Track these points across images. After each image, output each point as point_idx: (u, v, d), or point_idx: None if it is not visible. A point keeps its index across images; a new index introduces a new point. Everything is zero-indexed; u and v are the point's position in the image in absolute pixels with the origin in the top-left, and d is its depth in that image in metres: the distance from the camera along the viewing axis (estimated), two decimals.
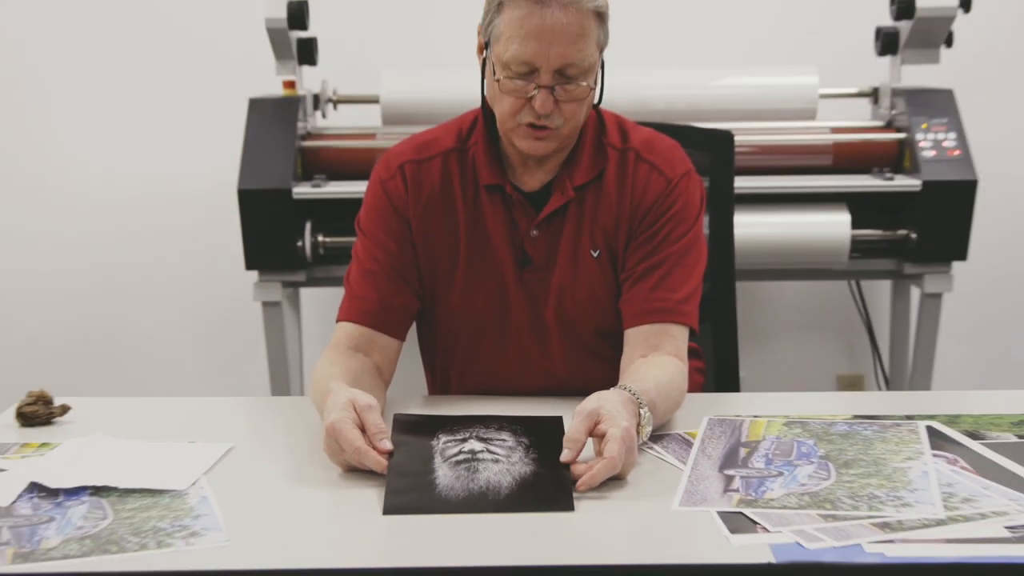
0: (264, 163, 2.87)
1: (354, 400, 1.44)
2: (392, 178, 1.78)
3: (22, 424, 1.64)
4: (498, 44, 1.63)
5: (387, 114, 3.06)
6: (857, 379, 3.60)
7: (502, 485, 1.35)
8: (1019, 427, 1.57)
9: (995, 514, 1.27)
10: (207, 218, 3.45)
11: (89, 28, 3.41)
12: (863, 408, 1.67)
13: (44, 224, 3.51)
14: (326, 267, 3.00)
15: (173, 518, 1.29)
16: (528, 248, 1.76)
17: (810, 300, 3.56)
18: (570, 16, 1.59)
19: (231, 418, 1.75)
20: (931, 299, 2.99)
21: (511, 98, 1.65)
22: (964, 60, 3.19)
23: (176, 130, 3.45)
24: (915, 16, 2.92)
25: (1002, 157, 3.36)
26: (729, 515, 1.28)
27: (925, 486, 1.35)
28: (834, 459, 1.44)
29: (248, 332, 3.36)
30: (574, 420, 1.41)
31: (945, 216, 2.88)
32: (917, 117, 2.94)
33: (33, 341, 3.56)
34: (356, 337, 1.73)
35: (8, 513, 1.31)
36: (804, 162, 3.01)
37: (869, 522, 1.25)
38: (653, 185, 1.75)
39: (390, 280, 1.75)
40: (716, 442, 1.52)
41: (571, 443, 1.39)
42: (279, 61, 3.02)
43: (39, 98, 3.44)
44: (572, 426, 1.41)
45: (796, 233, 2.94)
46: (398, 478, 1.36)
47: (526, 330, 1.79)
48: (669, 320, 1.71)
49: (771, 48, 3.41)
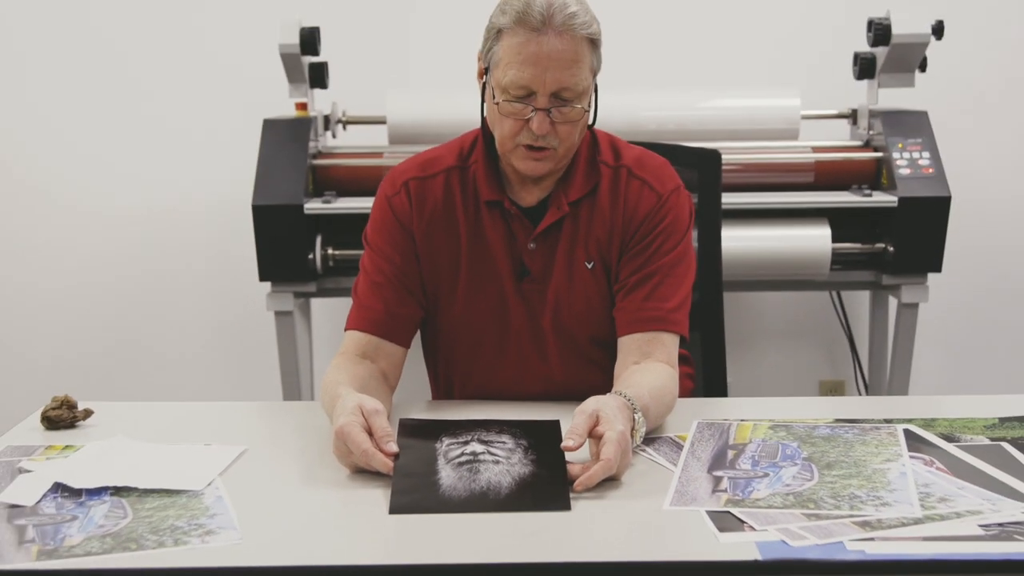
0: (277, 180, 2.87)
1: (362, 405, 1.44)
2: (397, 194, 1.78)
3: (47, 427, 1.63)
4: (497, 69, 1.63)
5: (393, 134, 3.06)
6: (838, 385, 3.59)
7: (502, 485, 1.34)
8: (992, 430, 1.56)
9: (970, 513, 1.26)
10: (223, 232, 3.45)
11: (116, 52, 3.40)
12: (844, 412, 1.66)
13: (69, 238, 3.50)
14: (335, 278, 2.99)
15: (190, 517, 1.29)
16: (526, 260, 1.76)
17: (794, 310, 3.56)
18: (565, 43, 1.60)
19: (245, 422, 1.75)
20: (908, 309, 2.98)
21: (510, 120, 1.65)
22: (937, 84, 3.19)
23: (195, 150, 3.45)
24: (891, 43, 2.93)
25: (973, 174, 3.36)
26: (718, 514, 1.28)
27: (903, 486, 1.34)
28: (817, 461, 1.44)
29: (261, 340, 3.35)
30: (575, 419, 1.41)
31: (920, 230, 2.87)
32: (893, 137, 2.94)
33: (58, 349, 3.55)
34: (363, 345, 1.73)
35: (33, 512, 1.31)
36: (787, 179, 3.01)
37: (850, 521, 1.24)
38: (645, 200, 1.74)
39: (395, 291, 1.75)
40: (705, 445, 1.52)
41: (574, 436, 1.39)
42: (292, 84, 3.02)
43: (66, 117, 3.44)
44: (574, 423, 1.41)
45: (780, 246, 2.93)
46: (403, 479, 1.36)
47: (525, 338, 1.78)
48: (661, 328, 1.71)
49: (756, 72, 3.41)
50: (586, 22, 1.62)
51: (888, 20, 2.93)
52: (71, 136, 3.45)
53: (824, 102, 3.20)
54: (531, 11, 1.59)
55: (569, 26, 1.59)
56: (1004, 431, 1.56)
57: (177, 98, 3.43)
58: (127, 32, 3.40)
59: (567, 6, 1.60)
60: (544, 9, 1.59)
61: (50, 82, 3.43)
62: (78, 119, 3.44)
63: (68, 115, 3.44)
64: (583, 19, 1.61)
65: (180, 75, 3.42)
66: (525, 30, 1.59)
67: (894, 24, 2.91)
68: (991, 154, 3.45)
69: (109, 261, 3.51)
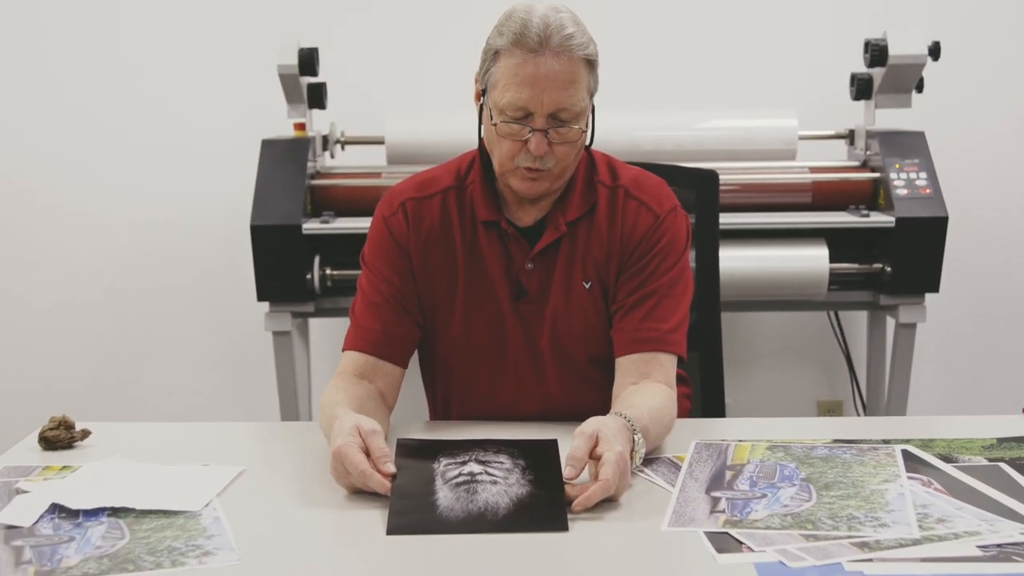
0: (276, 200, 2.87)
1: (359, 425, 1.44)
2: (394, 214, 1.78)
3: (45, 448, 1.63)
4: (495, 91, 1.64)
5: (392, 154, 3.07)
6: (836, 405, 3.59)
7: (500, 506, 1.34)
8: (990, 450, 1.56)
9: (968, 534, 1.26)
10: (221, 252, 3.46)
11: (116, 69, 3.42)
12: (842, 433, 1.67)
13: (67, 257, 3.51)
14: (334, 298, 2.99)
15: (187, 538, 1.28)
16: (523, 280, 1.76)
17: (791, 330, 3.56)
18: (562, 64, 1.60)
19: (243, 442, 1.75)
20: (905, 329, 2.99)
21: (508, 141, 1.65)
22: (934, 104, 3.20)
23: (193, 170, 3.46)
24: (888, 63, 2.95)
25: (970, 195, 3.37)
26: (715, 535, 1.28)
27: (901, 507, 1.34)
28: (815, 481, 1.44)
29: (259, 360, 3.35)
30: (575, 441, 1.41)
31: (918, 250, 2.88)
32: (891, 158, 2.95)
33: (56, 369, 3.55)
34: (361, 365, 1.73)
35: (30, 533, 1.31)
36: (785, 200, 3.02)
37: (848, 542, 1.24)
38: (642, 221, 1.75)
39: (393, 311, 1.75)
40: (703, 465, 1.52)
41: (574, 461, 1.39)
42: (290, 105, 3.03)
43: (66, 135, 3.45)
44: (574, 447, 1.41)
45: (778, 267, 2.94)
46: (401, 499, 1.36)
47: (522, 358, 1.78)
48: (658, 349, 1.71)
49: (753, 93, 3.42)
50: (583, 43, 1.62)
51: (885, 41, 2.95)
52: (70, 155, 3.46)
53: (821, 122, 3.21)
54: (528, 32, 1.60)
55: (566, 47, 1.60)
56: (1002, 451, 1.56)
57: (175, 119, 3.45)
58: (127, 49, 3.42)
59: (564, 27, 1.61)
60: (541, 30, 1.60)
61: (53, 101, 3.44)
62: (77, 138, 3.46)
63: (67, 133, 3.46)
64: (580, 40, 1.62)
65: (179, 96, 3.44)
66: (522, 51, 1.60)
67: (891, 45, 2.93)
68: (988, 175, 3.46)
69: (107, 281, 3.51)
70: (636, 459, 1.47)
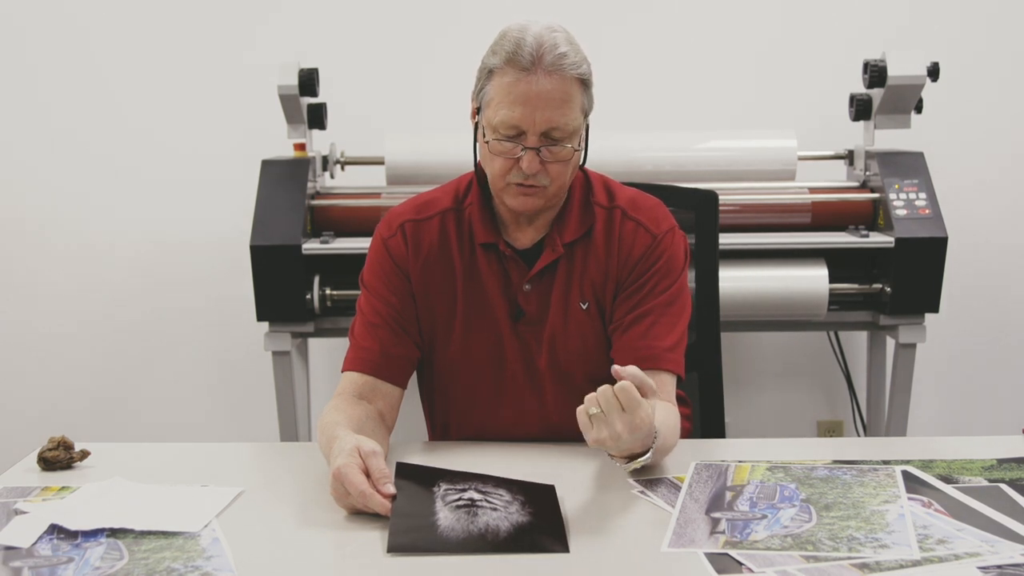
0: (275, 221, 2.88)
1: (359, 446, 1.44)
2: (393, 236, 1.79)
3: (44, 468, 1.63)
4: (488, 109, 1.65)
5: (391, 175, 3.08)
6: (836, 425, 3.59)
7: (500, 528, 1.34)
8: (990, 471, 1.57)
9: (968, 555, 1.26)
10: (221, 272, 3.46)
11: (115, 91, 3.44)
12: (842, 453, 1.67)
13: (67, 278, 3.51)
14: (333, 319, 2.99)
15: (186, 559, 1.28)
16: (521, 301, 1.76)
17: (791, 350, 3.56)
18: (554, 83, 1.61)
19: (242, 463, 1.75)
20: (905, 349, 2.99)
21: (501, 159, 1.66)
22: (933, 125, 3.22)
23: (193, 190, 3.47)
24: (887, 84, 2.96)
25: (970, 215, 3.38)
26: (716, 556, 1.28)
27: (901, 528, 1.34)
28: (815, 502, 1.44)
29: (259, 380, 3.35)
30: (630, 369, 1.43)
31: (917, 271, 2.88)
32: (890, 178, 2.96)
33: (55, 389, 3.54)
34: (360, 385, 1.73)
35: (29, 554, 1.31)
36: (784, 220, 3.03)
37: (849, 563, 1.24)
38: (639, 241, 1.76)
39: (392, 331, 1.75)
40: (703, 486, 1.52)
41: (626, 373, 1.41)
42: (290, 125, 3.04)
43: (64, 156, 3.46)
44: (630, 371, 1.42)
45: (777, 287, 2.94)
46: (401, 519, 1.36)
47: (521, 378, 1.79)
48: (656, 367, 1.70)
49: (752, 113, 3.44)
50: (576, 62, 1.63)
51: (884, 62, 2.96)
52: (69, 175, 3.47)
53: (821, 143, 3.22)
54: (521, 51, 1.61)
55: (559, 66, 1.61)
56: (1002, 472, 1.56)
57: (175, 139, 3.46)
58: (126, 71, 3.43)
59: (557, 46, 1.62)
60: (534, 49, 1.61)
61: (49, 123, 3.45)
62: (76, 159, 3.47)
63: (66, 154, 3.46)
64: (573, 59, 1.63)
65: (179, 116, 3.45)
66: (515, 70, 1.61)
67: (890, 66, 2.94)
68: (987, 195, 3.47)
69: (106, 301, 3.52)
70: (640, 460, 1.48)
